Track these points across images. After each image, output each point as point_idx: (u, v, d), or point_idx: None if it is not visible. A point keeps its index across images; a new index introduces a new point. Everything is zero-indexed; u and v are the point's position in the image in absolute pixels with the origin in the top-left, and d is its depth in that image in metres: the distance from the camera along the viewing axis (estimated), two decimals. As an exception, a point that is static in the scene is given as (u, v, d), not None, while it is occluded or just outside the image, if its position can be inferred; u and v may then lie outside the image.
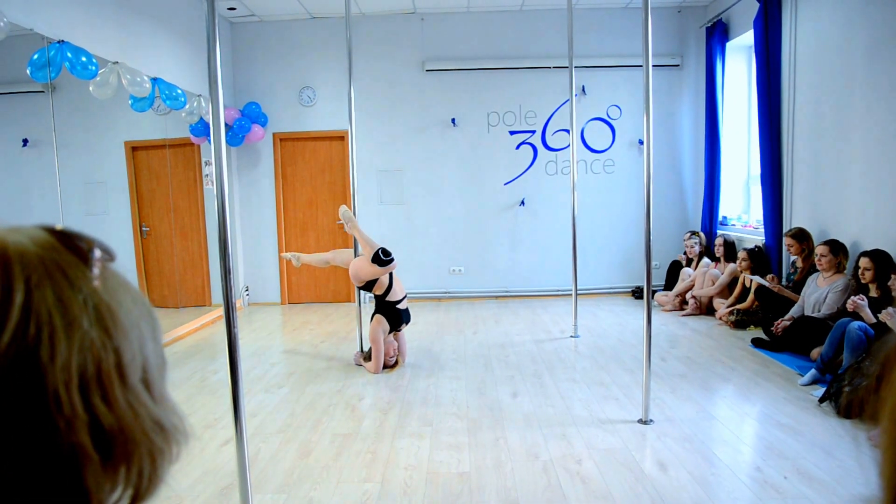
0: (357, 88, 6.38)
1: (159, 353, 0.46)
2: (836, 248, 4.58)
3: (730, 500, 2.58)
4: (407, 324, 4.76)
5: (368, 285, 4.59)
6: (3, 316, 0.36)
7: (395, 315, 4.61)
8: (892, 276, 3.84)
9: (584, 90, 7.23)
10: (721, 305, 5.90)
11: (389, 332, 4.63)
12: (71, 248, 0.41)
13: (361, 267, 4.58)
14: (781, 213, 5.66)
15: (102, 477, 0.39)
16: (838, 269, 4.58)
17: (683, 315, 6.18)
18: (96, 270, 0.42)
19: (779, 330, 4.75)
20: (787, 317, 4.84)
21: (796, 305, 4.91)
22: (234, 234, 7.34)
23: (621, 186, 7.38)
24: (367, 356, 4.66)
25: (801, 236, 5.12)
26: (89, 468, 0.38)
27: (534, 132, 7.36)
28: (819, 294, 4.64)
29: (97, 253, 0.42)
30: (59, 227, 0.43)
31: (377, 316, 4.59)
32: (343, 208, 4.83)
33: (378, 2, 6.81)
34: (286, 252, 5.08)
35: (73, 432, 0.37)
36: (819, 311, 4.60)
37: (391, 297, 4.59)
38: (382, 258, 4.45)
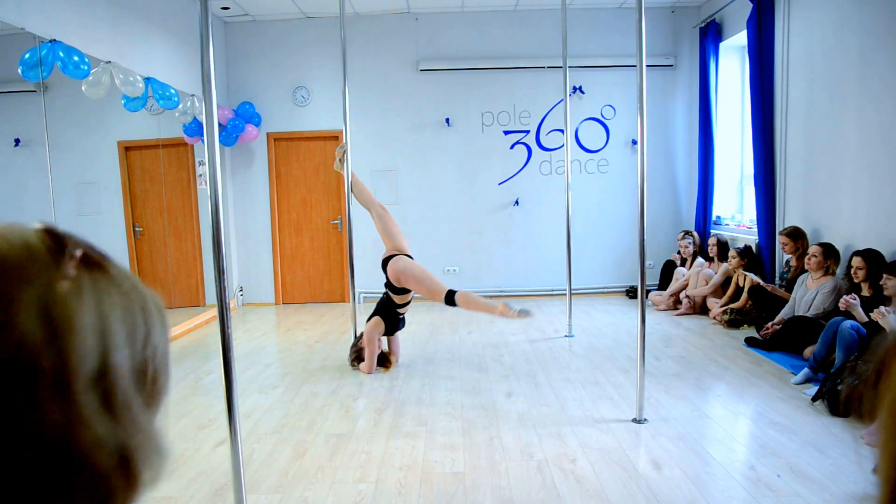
0: (351, 88, 6.37)
1: (151, 365, 0.43)
2: (829, 251, 4.60)
3: (724, 499, 2.59)
4: (400, 330, 4.78)
5: (403, 290, 4.48)
6: None
7: (394, 322, 4.64)
8: (884, 276, 3.86)
9: (581, 89, 7.24)
10: (715, 305, 5.92)
11: (382, 335, 4.64)
12: (48, 248, 0.40)
13: (426, 276, 4.41)
14: (774, 212, 5.69)
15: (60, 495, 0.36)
16: (827, 271, 4.60)
17: (677, 314, 6.20)
18: (71, 271, 0.40)
19: (767, 335, 4.77)
20: (776, 320, 4.87)
21: (786, 307, 4.93)
22: (228, 234, 7.31)
23: (615, 186, 7.40)
24: (357, 356, 4.64)
25: (796, 235, 5.14)
26: (36, 483, 0.36)
27: (528, 132, 7.37)
28: (808, 295, 4.67)
29: (77, 252, 0.41)
30: (45, 225, 0.41)
31: (376, 318, 4.57)
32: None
33: (372, 1, 6.80)
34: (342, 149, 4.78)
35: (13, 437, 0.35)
36: (808, 311, 4.63)
37: (402, 310, 4.62)
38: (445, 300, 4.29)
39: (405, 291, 4.51)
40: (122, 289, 0.43)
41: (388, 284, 4.53)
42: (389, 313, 4.59)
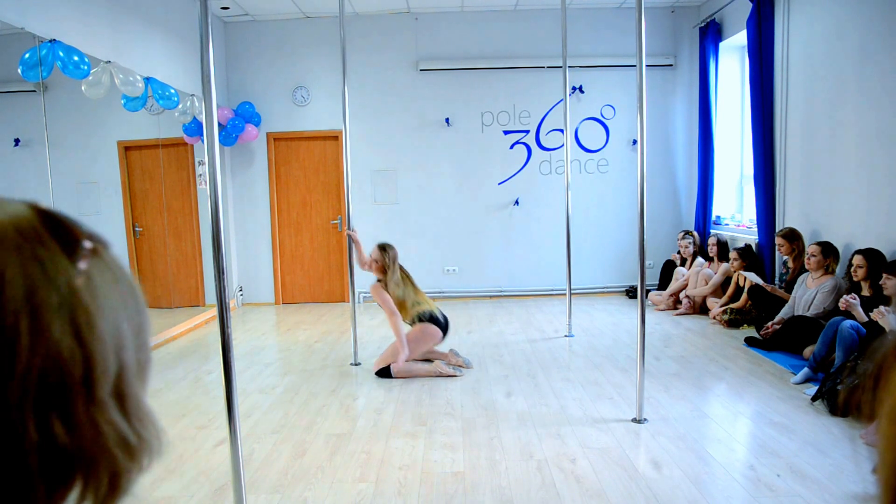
0: (351, 88, 6.37)
1: (142, 354, 0.42)
2: (827, 250, 4.60)
3: (723, 499, 2.59)
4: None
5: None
6: None
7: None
8: (884, 276, 3.86)
9: (580, 89, 7.24)
10: (714, 305, 5.92)
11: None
12: (57, 236, 0.37)
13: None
14: (774, 212, 5.69)
15: (47, 500, 0.35)
16: (827, 270, 4.60)
17: (677, 314, 6.20)
18: (83, 265, 0.37)
19: (767, 334, 4.77)
20: (776, 319, 4.87)
21: (786, 306, 4.93)
22: (228, 234, 7.31)
23: (615, 186, 7.40)
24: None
25: (792, 236, 5.15)
26: (32, 494, 0.34)
27: (528, 132, 7.37)
28: (808, 294, 4.67)
29: (87, 244, 0.38)
30: (44, 206, 0.38)
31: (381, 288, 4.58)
32: None
33: (372, 1, 6.80)
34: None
35: (20, 453, 0.33)
36: (808, 311, 4.63)
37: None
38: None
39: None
40: (121, 281, 0.41)
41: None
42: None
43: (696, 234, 6.74)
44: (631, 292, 7.25)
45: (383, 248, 4.60)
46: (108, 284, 0.39)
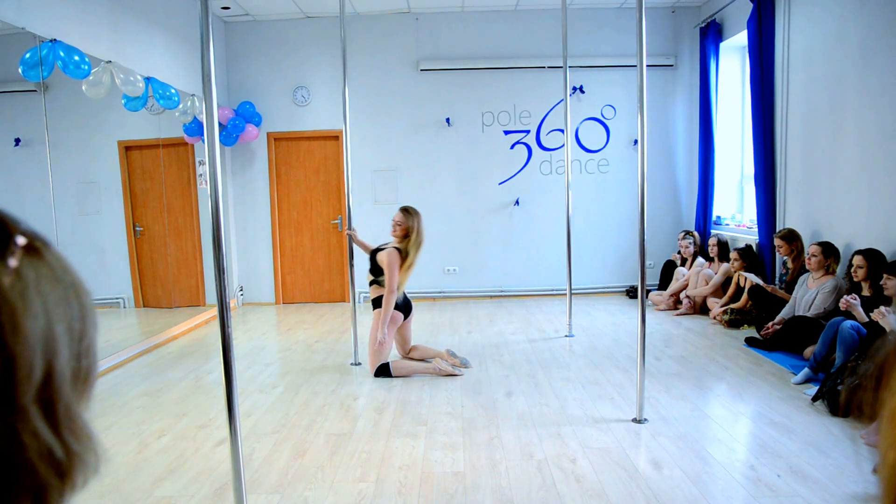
0: (351, 88, 6.37)
1: (83, 361, 0.39)
2: (828, 250, 4.60)
3: (724, 499, 2.59)
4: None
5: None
6: None
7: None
8: (884, 276, 3.86)
9: (581, 89, 7.24)
10: (715, 305, 5.92)
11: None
12: None
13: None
14: (775, 212, 5.69)
15: None
16: (827, 270, 4.60)
17: (677, 314, 6.20)
18: (13, 262, 0.35)
19: (768, 334, 4.77)
20: (776, 319, 4.87)
21: (787, 306, 4.93)
22: (228, 233, 7.31)
23: (615, 186, 7.40)
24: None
25: (791, 237, 5.15)
26: None
27: (528, 132, 7.37)
28: (809, 295, 4.67)
29: (20, 241, 0.36)
30: None
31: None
32: None
33: (372, 1, 6.80)
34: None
35: None
36: (808, 311, 4.63)
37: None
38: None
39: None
40: (61, 282, 0.38)
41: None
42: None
43: (696, 234, 6.74)
44: (631, 292, 7.25)
45: (407, 210, 4.49)
46: (44, 285, 0.36)
